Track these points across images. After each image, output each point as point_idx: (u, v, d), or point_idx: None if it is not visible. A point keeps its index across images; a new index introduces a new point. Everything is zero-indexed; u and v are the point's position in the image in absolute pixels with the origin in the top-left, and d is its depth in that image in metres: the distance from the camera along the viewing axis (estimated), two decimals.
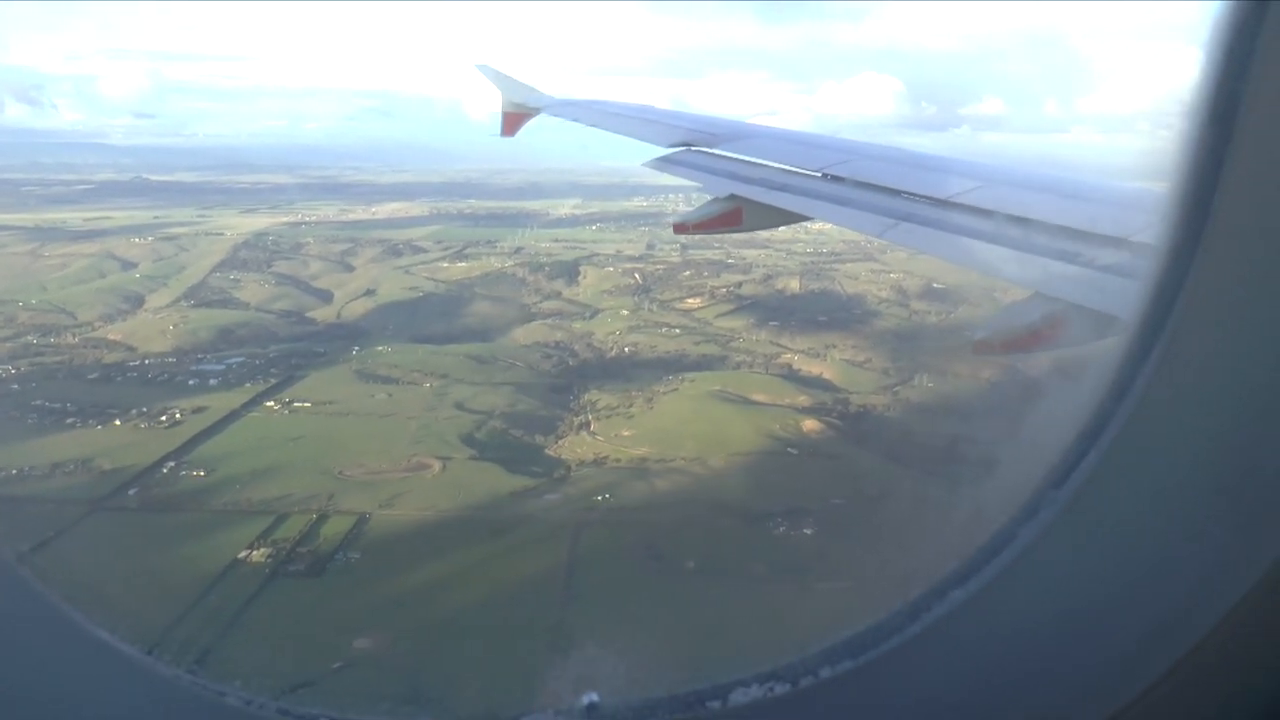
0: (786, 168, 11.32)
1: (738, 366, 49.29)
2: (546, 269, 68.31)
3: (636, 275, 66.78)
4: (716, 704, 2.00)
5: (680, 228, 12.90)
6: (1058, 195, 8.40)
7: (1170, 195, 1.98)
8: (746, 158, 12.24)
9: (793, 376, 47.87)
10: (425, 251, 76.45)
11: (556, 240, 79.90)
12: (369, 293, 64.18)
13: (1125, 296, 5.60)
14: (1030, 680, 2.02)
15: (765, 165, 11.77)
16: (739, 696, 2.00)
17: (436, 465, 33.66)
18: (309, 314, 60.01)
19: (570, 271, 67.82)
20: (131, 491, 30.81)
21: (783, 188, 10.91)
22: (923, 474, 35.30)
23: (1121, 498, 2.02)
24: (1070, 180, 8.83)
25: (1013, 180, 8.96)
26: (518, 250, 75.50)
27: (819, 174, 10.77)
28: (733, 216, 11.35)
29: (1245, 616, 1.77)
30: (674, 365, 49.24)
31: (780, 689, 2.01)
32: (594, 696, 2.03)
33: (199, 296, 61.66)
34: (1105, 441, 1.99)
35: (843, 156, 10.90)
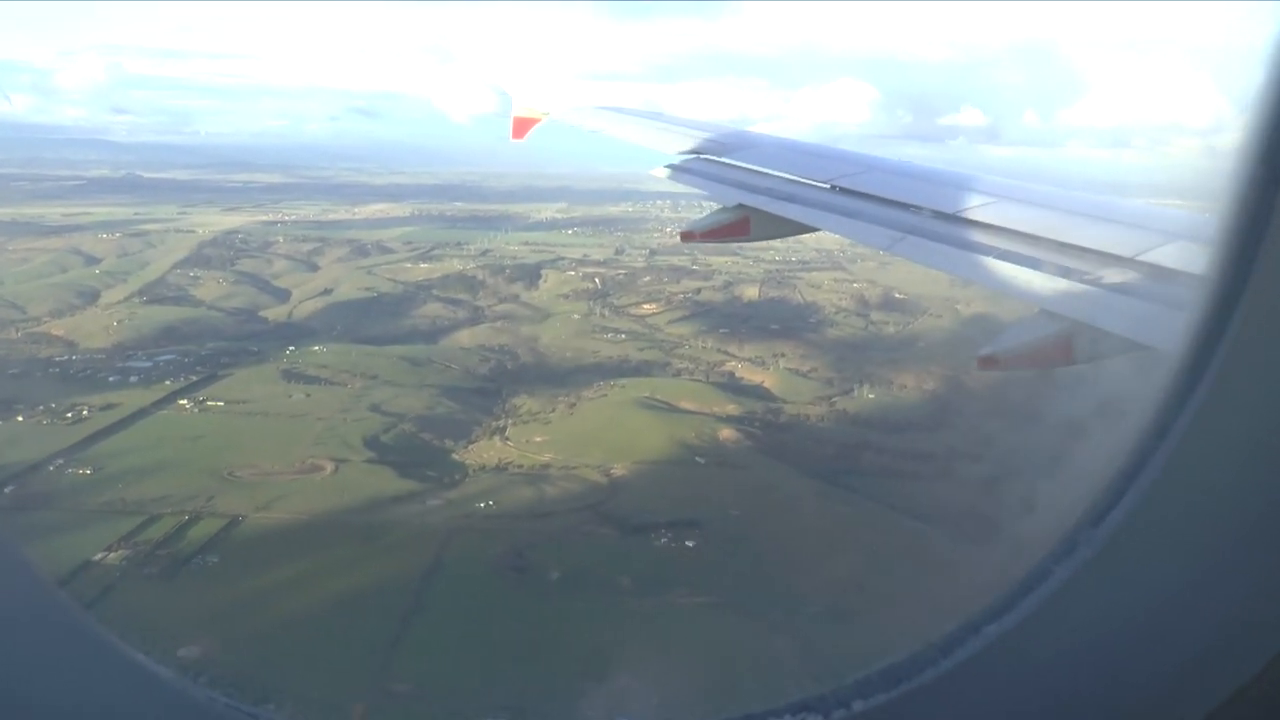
0: (795, 178, 11.18)
1: (678, 374, 48.44)
2: (507, 272, 67.70)
3: (596, 280, 66.02)
4: None
5: (687, 236, 12.66)
6: (1066, 213, 8.34)
7: (1218, 233, 1.94)
8: (755, 167, 12.02)
9: (731, 385, 47.00)
10: (393, 252, 76.08)
11: (526, 243, 79.38)
12: (326, 292, 63.80)
13: (1132, 316, 5.75)
14: (1062, 718, 2.02)
15: (774, 175, 11.63)
16: None
17: (330, 467, 33.04)
18: (261, 312, 59.66)
19: (531, 275, 67.18)
20: (8, 489, 30.31)
21: (790, 198, 10.80)
22: (827, 485, 34.49)
23: (1161, 537, 1.99)
24: (1079, 198, 8.79)
25: (1021, 197, 8.87)
26: (484, 252, 75.05)
27: (827, 185, 10.66)
28: (740, 226, 11.25)
29: None
30: (613, 371, 48.49)
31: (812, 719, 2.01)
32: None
33: (154, 293, 61.41)
34: (1145, 480, 1.98)
35: (852, 169, 10.83)
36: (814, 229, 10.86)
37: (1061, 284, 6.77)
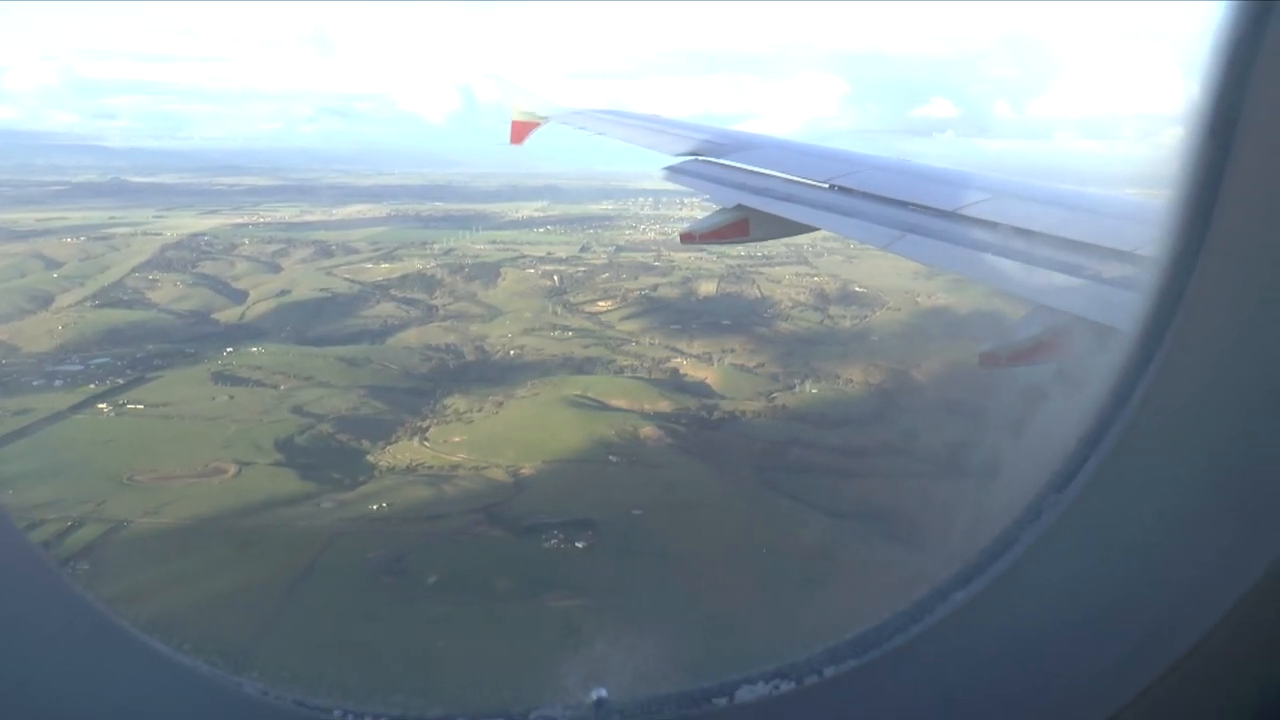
0: (793, 178, 11.37)
1: (620, 371, 47.72)
2: (466, 270, 67.15)
3: (555, 277, 65.35)
4: (723, 701, 2.04)
5: (688, 237, 12.81)
6: (1063, 208, 8.52)
7: (1171, 203, 2.01)
8: (753, 168, 12.22)
9: (672, 381, 46.24)
10: (357, 253, 75.54)
11: (494, 242, 78.74)
12: (282, 293, 63.31)
13: (1130, 310, 5.16)
14: (1032, 680, 2.05)
15: (772, 175, 11.82)
16: (745, 694, 2.03)
17: (233, 470, 32.48)
18: (214, 315, 59.20)
19: (491, 273, 66.55)
20: None
21: (789, 198, 10.98)
22: (745, 483, 33.70)
23: (1122, 502, 2.05)
24: (1074, 193, 8.98)
25: (1018, 193, 9.08)
26: (448, 251, 74.42)
27: (826, 185, 10.80)
28: (739, 227, 11.44)
29: (1244, 617, 1.82)
30: (555, 368, 47.82)
31: (785, 687, 2.04)
32: (603, 692, 2.05)
33: (108, 296, 61.07)
34: (1107, 446, 2.04)
35: (850, 168, 11.02)
36: (813, 228, 11.17)
37: (1060, 279, 6.92)
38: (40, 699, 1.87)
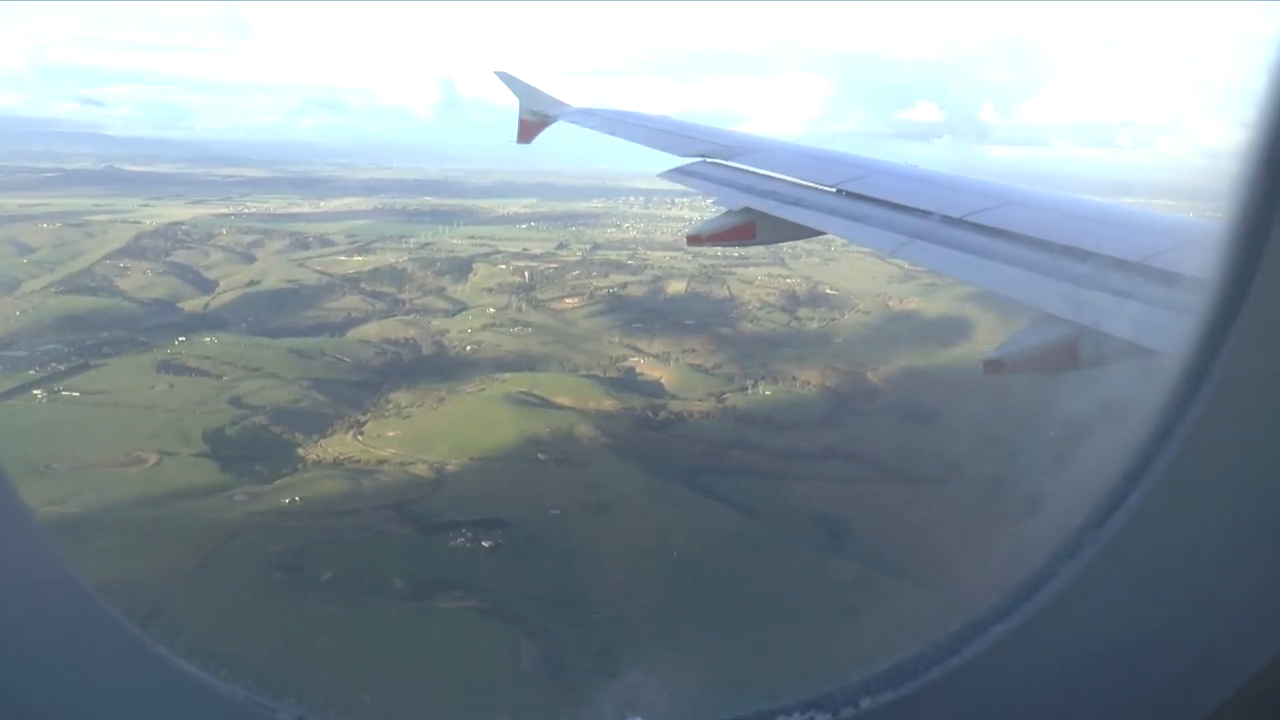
0: (801, 182, 11.38)
1: (575, 369, 47.18)
2: (438, 265, 66.69)
3: (526, 274, 64.77)
4: None
5: (694, 239, 12.86)
6: (1068, 215, 8.58)
7: (1222, 238, 1.96)
8: (761, 171, 12.28)
9: (625, 380, 45.70)
10: (334, 245, 75.12)
11: (472, 237, 78.21)
12: (252, 284, 62.99)
13: (1137, 320, 5.76)
14: (1067, 718, 2.02)
15: (780, 179, 11.83)
16: None
17: (153, 460, 32.08)
18: (180, 304, 58.95)
19: (462, 268, 66.07)
20: None
21: (796, 202, 11.00)
22: (675, 484, 33.11)
23: (1165, 538, 2.01)
24: (1082, 201, 9.04)
25: (1024, 200, 9.13)
26: (424, 246, 73.97)
27: (833, 189, 10.83)
28: (746, 230, 11.44)
29: None
30: (511, 365, 47.30)
31: (821, 717, 2.02)
32: (638, 719, 2.16)
33: (74, 283, 60.80)
34: (1150, 481, 2.00)
35: (857, 172, 11.06)
36: (820, 232, 11.23)
37: (1067, 288, 6.86)
38: (46, 697, 1.90)
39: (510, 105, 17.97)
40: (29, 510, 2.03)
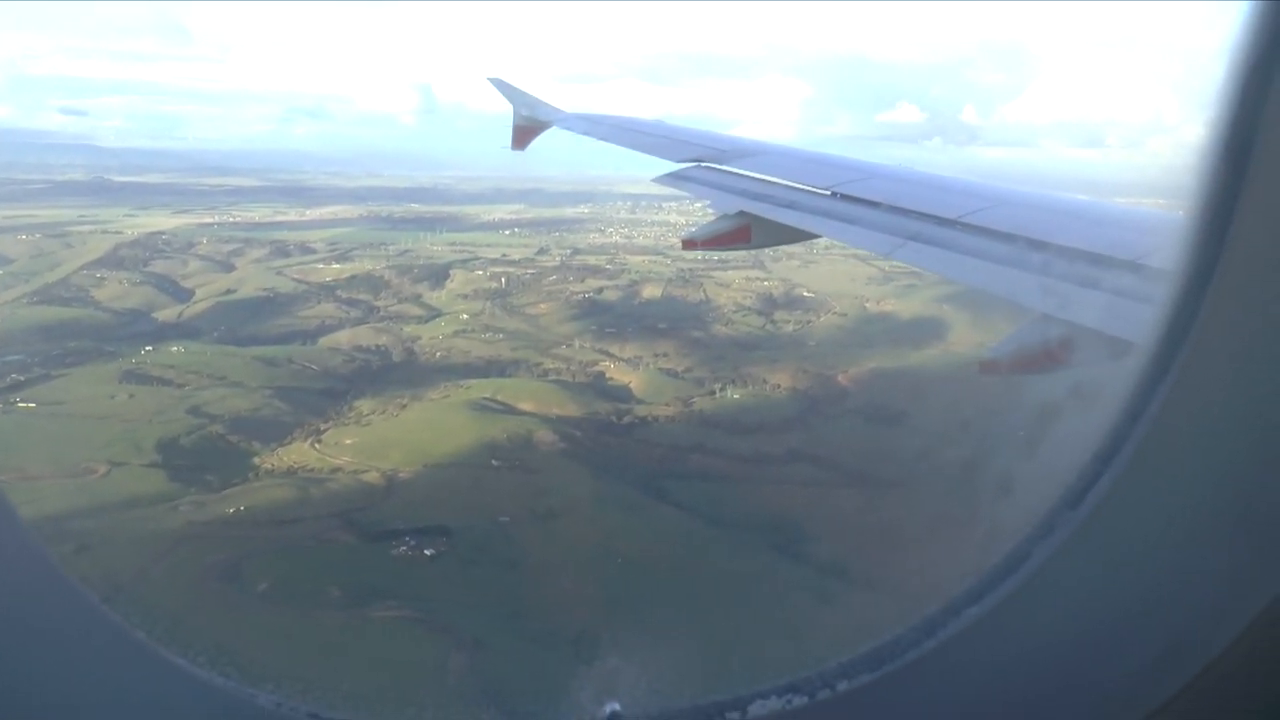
0: (796, 185, 11.43)
1: (544, 374, 46.88)
2: (415, 272, 66.44)
3: (503, 279, 64.50)
4: (735, 715, 2.04)
5: (689, 244, 13.01)
6: (1063, 215, 8.64)
7: (1187, 220, 2.01)
8: (757, 175, 12.27)
9: (593, 385, 45.39)
10: (314, 253, 74.95)
11: (452, 244, 77.99)
12: (228, 293, 62.76)
13: (1132, 320, 5.73)
14: (1043, 697, 2.05)
15: (775, 182, 11.81)
16: (757, 708, 2.04)
17: (103, 470, 31.76)
18: (154, 313, 58.71)
19: (439, 275, 65.81)
20: None
21: (792, 205, 11.03)
22: (630, 490, 32.77)
23: (1136, 518, 2.04)
24: (1074, 201, 9.11)
25: (1018, 201, 9.21)
26: (403, 253, 73.74)
27: (828, 192, 10.85)
28: (741, 234, 11.45)
29: (1258, 636, 1.81)
30: (479, 371, 47.04)
31: (798, 701, 2.05)
32: (615, 705, 2.07)
33: (48, 294, 60.58)
34: (1121, 463, 2.04)
35: (853, 175, 11.15)
36: (815, 235, 11.34)
37: (1061, 288, 6.91)
38: (47, 700, 1.90)
39: (493, 111, 17.94)
40: (14, 507, 1.99)
